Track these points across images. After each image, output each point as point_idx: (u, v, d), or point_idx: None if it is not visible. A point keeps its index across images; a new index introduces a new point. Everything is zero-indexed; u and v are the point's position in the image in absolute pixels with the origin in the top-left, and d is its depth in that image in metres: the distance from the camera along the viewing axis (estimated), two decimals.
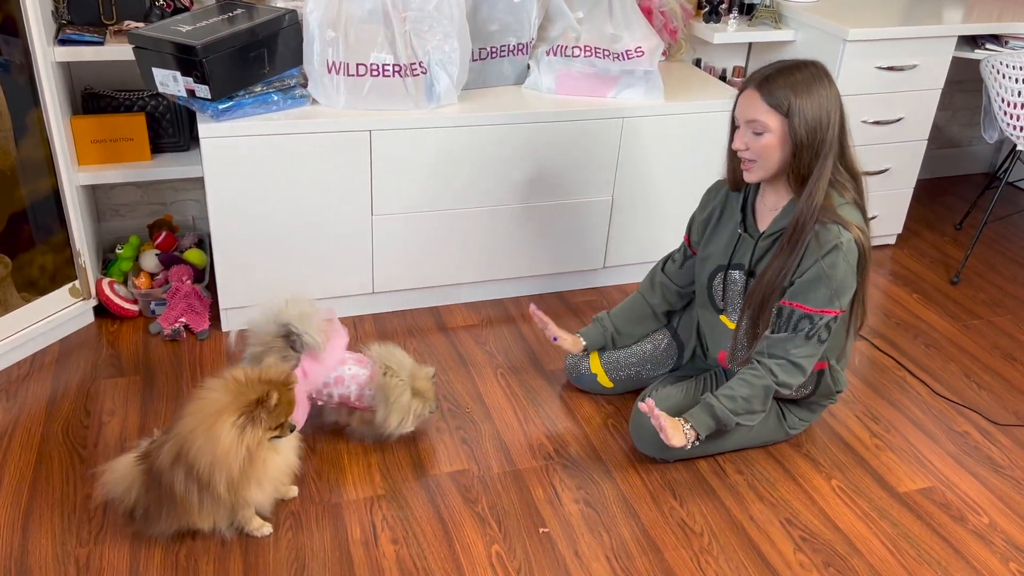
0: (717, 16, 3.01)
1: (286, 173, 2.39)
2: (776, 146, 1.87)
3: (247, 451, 1.68)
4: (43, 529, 1.86)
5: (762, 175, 1.93)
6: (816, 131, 1.84)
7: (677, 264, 2.27)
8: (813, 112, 1.83)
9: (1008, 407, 2.44)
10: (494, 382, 2.43)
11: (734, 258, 2.07)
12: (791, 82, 1.84)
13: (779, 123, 1.85)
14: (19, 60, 2.19)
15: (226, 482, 1.69)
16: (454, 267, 2.70)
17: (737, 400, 1.97)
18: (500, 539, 1.91)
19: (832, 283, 1.88)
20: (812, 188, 1.87)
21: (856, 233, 1.88)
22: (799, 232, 1.89)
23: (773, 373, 1.96)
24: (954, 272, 3.16)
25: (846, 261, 1.87)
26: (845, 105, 1.89)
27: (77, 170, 2.51)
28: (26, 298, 2.36)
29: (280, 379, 1.74)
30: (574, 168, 2.66)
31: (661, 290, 2.30)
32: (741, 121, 1.91)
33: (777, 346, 1.95)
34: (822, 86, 1.85)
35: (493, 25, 2.61)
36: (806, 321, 1.92)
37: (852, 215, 1.91)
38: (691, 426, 1.98)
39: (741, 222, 2.05)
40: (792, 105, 1.83)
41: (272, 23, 2.32)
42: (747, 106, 1.89)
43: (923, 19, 2.99)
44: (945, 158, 3.99)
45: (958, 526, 2.02)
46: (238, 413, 1.68)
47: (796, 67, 1.86)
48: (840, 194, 1.91)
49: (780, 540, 1.95)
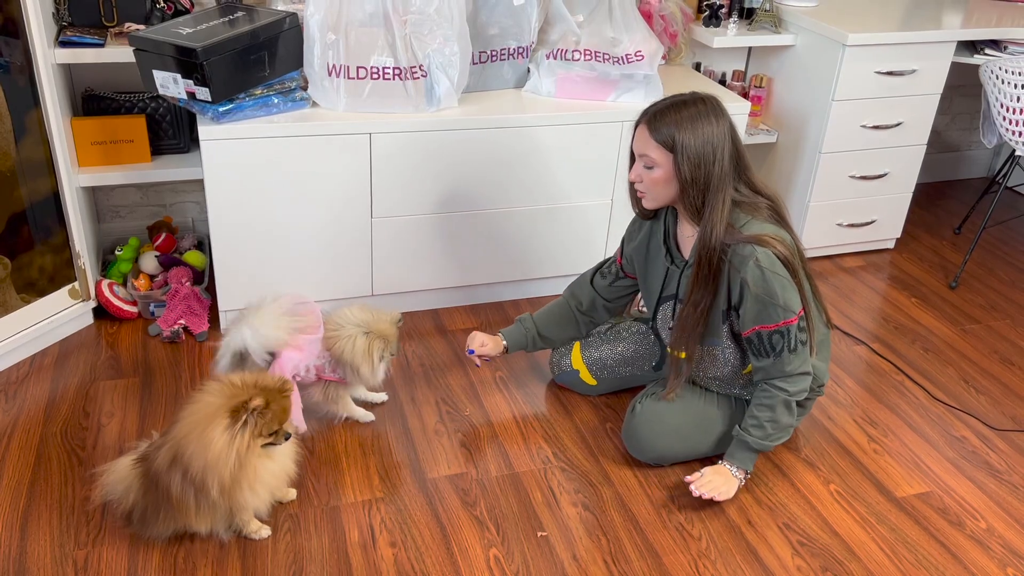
0: (717, 20, 3.02)
1: (286, 175, 2.39)
2: (665, 180, 1.92)
3: (237, 456, 1.68)
4: (41, 530, 1.86)
5: (654, 205, 1.99)
6: (700, 167, 1.87)
7: (607, 280, 2.28)
8: (697, 148, 1.86)
9: (1006, 412, 2.45)
10: (492, 385, 2.43)
11: (665, 290, 2.11)
12: (677, 119, 1.87)
13: (666, 159, 1.89)
14: (20, 61, 2.19)
15: (219, 486, 1.69)
16: (453, 270, 2.71)
17: (764, 427, 2.01)
18: (498, 542, 1.91)
19: (774, 297, 1.90)
20: (707, 221, 1.90)
21: (771, 244, 1.89)
22: (704, 263, 1.93)
23: (783, 389, 2.00)
24: (953, 276, 3.17)
25: (772, 272, 1.89)
26: (738, 135, 1.92)
27: (77, 171, 2.51)
28: (25, 299, 2.36)
29: (275, 386, 1.74)
30: (574, 171, 2.66)
31: (589, 300, 2.31)
32: (636, 154, 1.96)
33: (770, 370, 2.00)
34: (708, 122, 1.87)
35: (493, 28, 2.61)
36: (777, 337, 1.94)
37: (763, 228, 1.92)
38: (737, 467, 2.04)
39: (667, 254, 2.09)
40: (676, 141, 1.86)
41: (273, 26, 2.32)
42: (639, 140, 1.94)
43: (922, 24, 3.00)
44: (944, 162, 4.00)
45: (956, 531, 2.02)
46: (228, 417, 1.68)
47: (684, 103, 1.89)
48: (746, 213, 1.93)
49: (778, 544, 1.95)
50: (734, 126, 1.92)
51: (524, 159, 2.59)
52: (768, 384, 2.01)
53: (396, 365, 2.49)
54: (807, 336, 1.98)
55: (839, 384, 2.53)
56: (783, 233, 1.95)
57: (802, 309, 1.95)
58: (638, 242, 2.16)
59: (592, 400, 2.39)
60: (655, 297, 2.15)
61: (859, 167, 3.08)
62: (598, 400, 2.39)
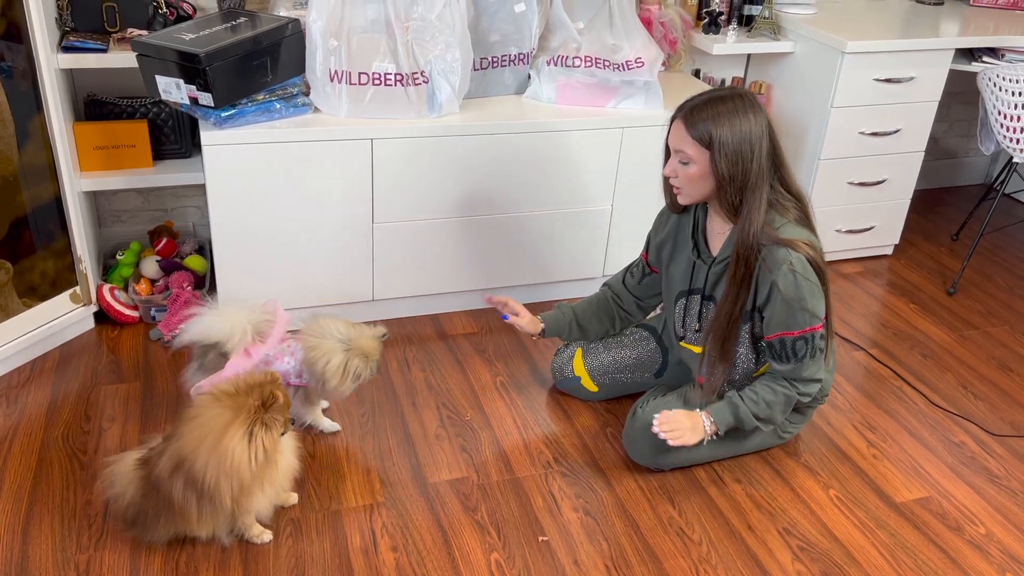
0: (716, 27, 3.03)
1: (288, 181, 2.40)
2: (701, 176, 1.90)
3: (264, 454, 1.69)
4: (43, 534, 1.86)
5: (690, 201, 1.98)
6: (738, 163, 1.85)
7: (636, 279, 2.29)
8: (735, 145, 1.84)
9: (1004, 418, 2.46)
10: (493, 390, 2.44)
11: (692, 283, 2.10)
12: (713, 114, 1.85)
13: (702, 155, 1.88)
14: (23, 66, 2.20)
15: (232, 493, 1.69)
16: (454, 275, 2.71)
17: (760, 404, 2.02)
18: (499, 547, 1.91)
19: (803, 302, 1.91)
20: (745, 218, 1.89)
21: (804, 249, 1.90)
22: (742, 263, 1.92)
23: (794, 387, 2.02)
24: (951, 283, 3.18)
25: (805, 278, 1.89)
26: (776, 131, 1.91)
27: (79, 176, 2.52)
28: (27, 304, 2.37)
29: (268, 379, 1.75)
30: (574, 177, 2.67)
31: (624, 298, 2.33)
32: (671, 149, 1.95)
33: (789, 374, 2.01)
34: (745, 118, 1.85)
35: (494, 35, 2.62)
36: (801, 343, 1.95)
37: (796, 232, 1.92)
38: (713, 420, 2.02)
39: (694, 248, 2.08)
40: (714, 137, 1.85)
41: (275, 32, 2.33)
42: (675, 136, 1.92)
43: (921, 32, 3.02)
44: (942, 169, 4.01)
45: (955, 536, 2.03)
46: (247, 423, 1.68)
47: (721, 99, 1.87)
48: (780, 215, 1.93)
49: (778, 549, 1.95)
50: (771, 122, 1.90)
51: (525, 165, 2.60)
52: (784, 378, 2.02)
53: (397, 371, 2.50)
54: (826, 344, 1.99)
55: (838, 390, 2.53)
56: (814, 238, 1.95)
57: (826, 317, 1.95)
58: (665, 234, 2.16)
59: (593, 405, 2.40)
60: (676, 290, 2.14)
61: (857, 174, 3.10)
62: (599, 405, 2.40)
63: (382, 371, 2.12)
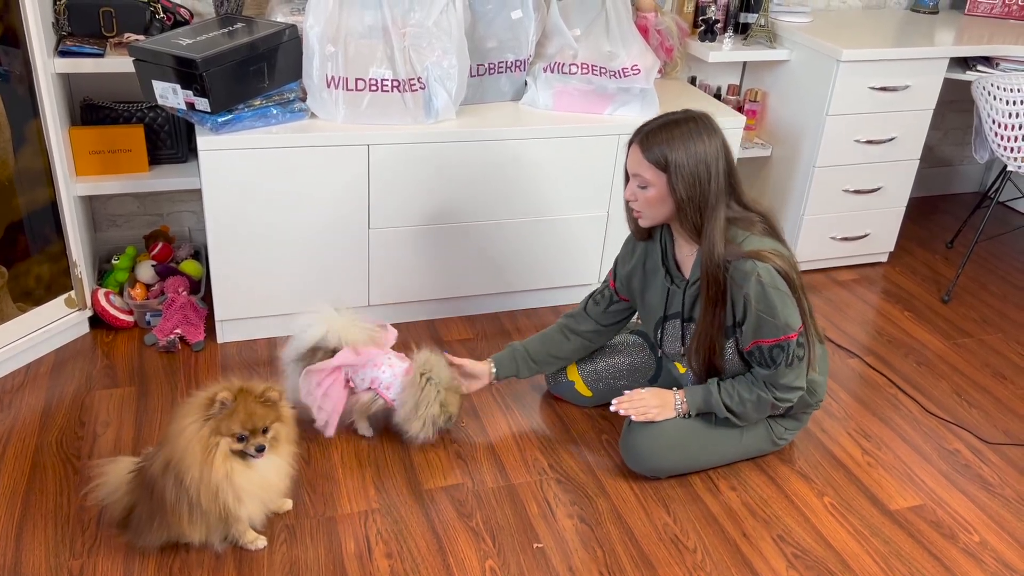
0: (712, 35, 3.04)
1: (284, 186, 2.40)
2: (659, 199, 1.93)
3: (201, 448, 1.68)
4: (37, 540, 1.86)
5: (650, 223, 2.00)
6: (695, 185, 1.88)
7: (601, 307, 2.27)
8: (691, 167, 1.87)
9: (998, 425, 2.46)
10: (489, 396, 2.44)
11: (669, 309, 2.12)
12: (668, 138, 1.87)
13: (659, 178, 1.90)
14: (19, 71, 2.20)
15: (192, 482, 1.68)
16: (450, 281, 2.71)
17: (735, 398, 2.04)
18: (494, 554, 1.91)
19: (774, 313, 1.92)
20: (708, 239, 1.92)
21: (771, 259, 1.90)
22: (712, 282, 1.94)
23: (772, 392, 2.03)
24: (945, 290, 3.19)
25: (775, 288, 1.90)
26: (731, 153, 1.93)
27: (75, 180, 2.52)
28: (22, 308, 2.36)
29: (254, 390, 1.73)
30: (570, 184, 2.68)
31: (586, 328, 2.29)
32: (629, 173, 1.97)
33: (769, 379, 2.02)
34: (700, 140, 1.88)
35: (491, 42, 2.63)
36: (778, 351, 1.96)
37: (761, 243, 1.93)
38: (685, 400, 2.07)
39: (666, 275, 2.10)
40: (670, 160, 1.87)
41: (272, 37, 2.33)
42: (632, 160, 1.95)
43: (916, 41, 3.03)
44: (937, 177, 4.03)
45: (949, 544, 2.03)
46: (198, 410, 1.70)
47: (676, 122, 1.89)
48: (743, 229, 1.94)
49: (773, 557, 1.96)
50: (727, 143, 1.93)
51: (521, 171, 2.60)
52: (763, 381, 2.03)
53: None
54: (804, 352, 1.99)
55: (833, 397, 2.54)
56: (781, 248, 1.96)
57: (802, 325, 1.96)
58: (633, 264, 2.17)
59: (588, 412, 2.40)
60: (657, 317, 2.16)
61: (853, 181, 3.11)
62: (594, 412, 2.40)
63: None
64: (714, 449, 2.14)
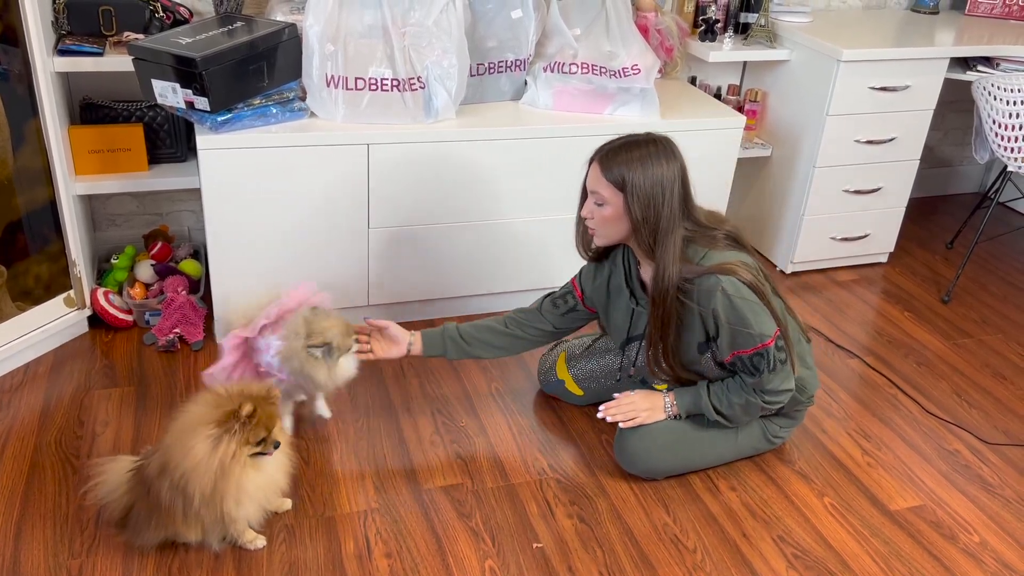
0: (713, 35, 3.04)
1: (283, 185, 2.39)
2: (615, 217, 1.92)
3: (220, 465, 1.67)
4: (35, 540, 1.86)
5: (604, 242, 2.00)
6: (650, 207, 1.87)
7: (560, 310, 2.22)
8: (648, 189, 1.86)
9: (998, 426, 2.46)
10: (488, 396, 2.44)
11: (633, 330, 2.13)
12: (628, 159, 1.87)
13: (616, 197, 1.90)
14: (18, 70, 2.20)
15: (200, 495, 1.68)
16: (450, 280, 2.71)
17: (724, 401, 2.04)
18: (494, 554, 1.91)
19: (746, 323, 1.91)
20: (660, 260, 1.91)
21: (734, 271, 1.89)
22: (660, 303, 1.94)
23: (760, 396, 2.03)
24: (945, 291, 3.19)
25: (741, 298, 1.89)
26: (688, 177, 1.92)
27: (74, 180, 2.51)
28: (21, 307, 2.36)
29: (261, 393, 1.73)
30: (570, 183, 2.67)
31: (535, 327, 2.23)
32: (588, 190, 1.97)
33: (755, 385, 2.02)
34: (658, 163, 1.87)
35: (491, 41, 2.63)
36: (758, 358, 1.96)
37: (723, 256, 1.92)
38: (675, 403, 2.09)
39: (631, 296, 2.10)
40: (627, 180, 1.87)
41: (272, 36, 2.33)
42: (592, 177, 1.95)
43: (916, 41, 3.03)
44: (937, 177, 4.03)
45: (949, 544, 2.03)
46: (213, 425, 1.68)
47: (637, 144, 1.89)
48: (703, 246, 1.93)
49: (773, 557, 1.95)
50: (685, 168, 1.92)
51: (521, 171, 2.60)
52: (751, 386, 2.02)
53: (392, 377, 2.49)
54: (786, 355, 1.99)
55: (833, 397, 2.54)
56: (744, 257, 1.95)
57: (777, 330, 1.95)
58: (597, 284, 2.16)
59: (587, 411, 2.39)
60: (623, 336, 2.17)
61: (853, 181, 3.11)
62: (593, 411, 2.39)
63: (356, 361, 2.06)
64: (708, 450, 2.14)
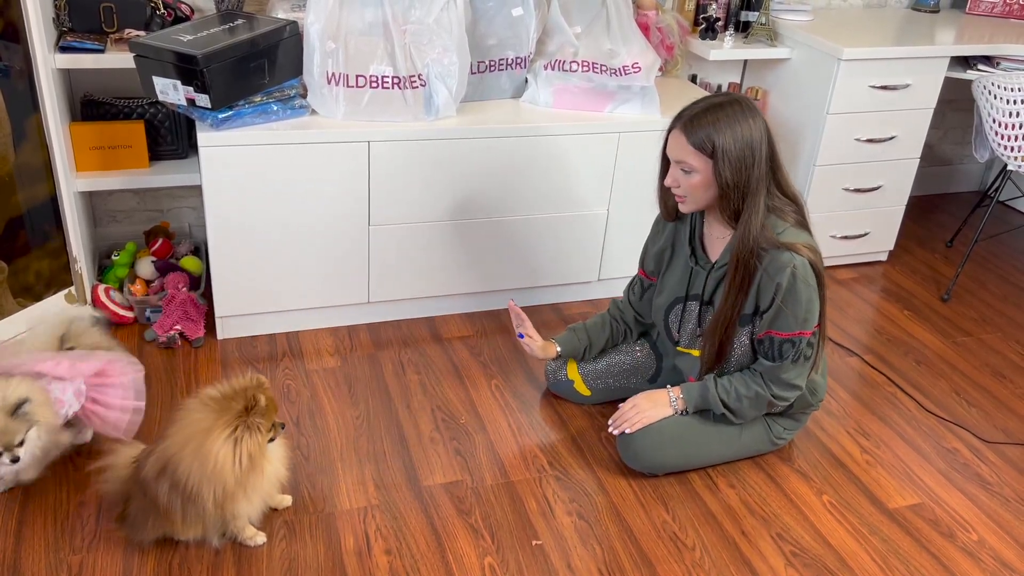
0: (713, 33, 3.04)
1: (284, 182, 2.40)
2: (705, 184, 1.90)
3: (249, 459, 1.69)
4: (36, 535, 1.86)
5: (694, 208, 1.97)
6: (742, 170, 1.85)
7: (637, 295, 2.31)
8: (738, 152, 1.84)
9: (997, 424, 2.47)
10: (488, 393, 2.44)
11: (690, 290, 2.11)
12: (714, 121, 1.84)
13: (705, 164, 1.88)
14: (20, 66, 2.20)
15: (215, 497, 1.69)
16: (450, 278, 2.72)
17: (731, 394, 2.04)
18: (493, 551, 1.91)
19: (799, 308, 1.92)
20: (746, 224, 1.90)
21: (807, 254, 1.90)
22: (741, 267, 1.93)
23: (770, 388, 2.03)
24: (944, 289, 3.19)
25: (805, 283, 1.90)
26: (773, 133, 1.91)
27: (75, 176, 2.52)
28: (22, 303, 2.36)
29: (254, 383, 1.75)
30: (570, 181, 2.68)
31: (625, 311, 2.35)
32: (671, 159, 1.94)
33: (770, 372, 2.02)
34: (746, 123, 1.85)
35: (492, 39, 2.63)
36: (788, 345, 1.96)
37: (798, 236, 1.93)
38: (682, 397, 2.08)
39: (691, 255, 2.09)
40: (716, 146, 1.84)
41: (273, 34, 2.33)
42: (675, 146, 1.92)
43: (916, 39, 3.03)
44: (937, 176, 4.03)
45: (947, 543, 2.03)
46: (231, 427, 1.68)
47: (720, 105, 1.86)
48: (780, 219, 1.93)
49: (771, 555, 1.96)
50: (767, 125, 1.89)
51: (521, 169, 2.60)
52: (761, 376, 2.03)
53: (392, 374, 2.50)
54: (812, 352, 1.99)
55: (832, 396, 2.54)
56: (814, 242, 1.96)
57: (818, 324, 1.96)
58: (664, 241, 2.16)
59: (587, 409, 2.40)
60: (674, 297, 2.15)
61: (853, 180, 3.11)
62: (593, 409, 2.40)
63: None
64: (712, 448, 2.14)
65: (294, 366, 2.49)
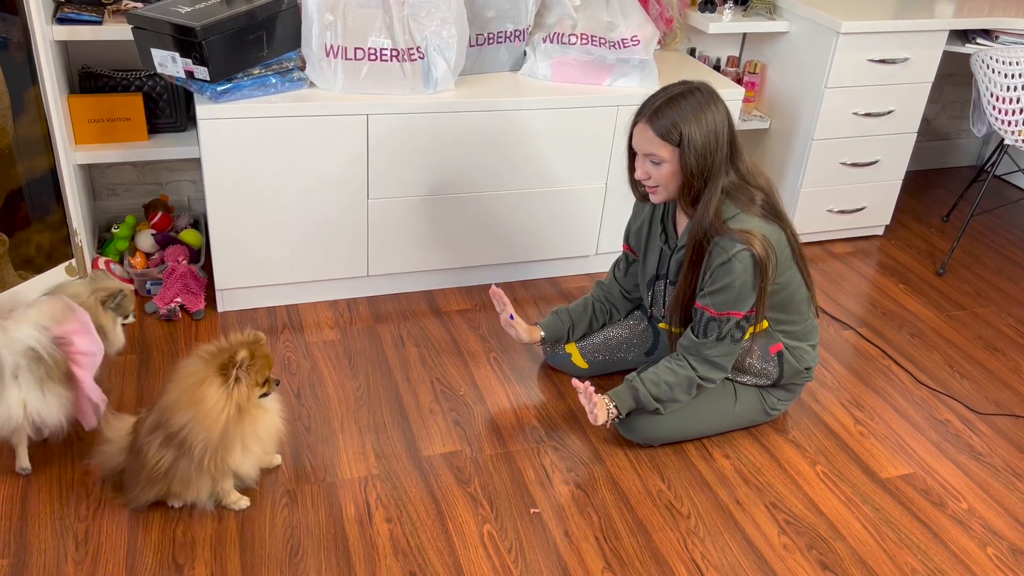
0: (712, 6, 3.03)
1: (283, 155, 2.40)
2: (675, 173, 1.94)
3: (237, 407, 1.74)
4: (42, 504, 1.89)
5: (666, 197, 2.01)
6: (706, 156, 1.89)
7: (622, 271, 2.36)
8: (703, 139, 1.88)
9: (989, 396, 2.50)
10: (487, 365, 2.46)
11: (660, 269, 2.16)
12: (680, 112, 1.87)
13: (672, 153, 1.91)
14: (17, 38, 2.19)
15: (204, 443, 1.73)
16: (448, 251, 2.73)
17: (660, 386, 2.06)
18: (492, 519, 1.95)
19: (731, 291, 1.95)
20: (704, 207, 1.93)
21: (754, 245, 1.91)
22: (696, 247, 1.97)
23: (694, 368, 2.06)
24: (940, 263, 3.21)
25: (743, 271, 1.93)
26: (733, 118, 1.94)
27: (74, 149, 2.52)
28: (23, 276, 2.37)
29: (250, 339, 1.79)
30: (569, 155, 2.68)
31: (613, 291, 2.39)
32: (639, 152, 1.97)
33: (694, 347, 2.05)
34: (709, 110, 1.88)
35: (490, 12, 2.62)
36: (714, 324, 1.99)
37: (749, 223, 1.94)
38: (615, 405, 2.08)
39: (662, 233, 2.13)
40: (683, 134, 1.88)
41: (271, 6, 2.33)
42: (641, 139, 1.94)
43: (915, 13, 3.02)
44: (934, 150, 4.03)
45: (938, 511, 2.07)
46: (221, 378, 1.73)
47: (681, 95, 1.89)
48: (738, 207, 1.95)
49: (765, 523, 1.99)
50: (728, 109, 1.93)
51: (520, 142, 2.61)
52: (685, 356, 2.06)
53: (391, 346, 2.52)
54: (742, 335, 2.02)
55: (827, 368, 2.57)
56: (772, 230, 1.96)
57: (752, 310, 1.99)
58: (642, 220, 2.21)
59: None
60: (649, 275, 2.20)
61: (850, 154, 3.12)
62: (591, 380, 2.42)
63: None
64: (707, 418, 2.17)
65: (294, 338, 2.51)
